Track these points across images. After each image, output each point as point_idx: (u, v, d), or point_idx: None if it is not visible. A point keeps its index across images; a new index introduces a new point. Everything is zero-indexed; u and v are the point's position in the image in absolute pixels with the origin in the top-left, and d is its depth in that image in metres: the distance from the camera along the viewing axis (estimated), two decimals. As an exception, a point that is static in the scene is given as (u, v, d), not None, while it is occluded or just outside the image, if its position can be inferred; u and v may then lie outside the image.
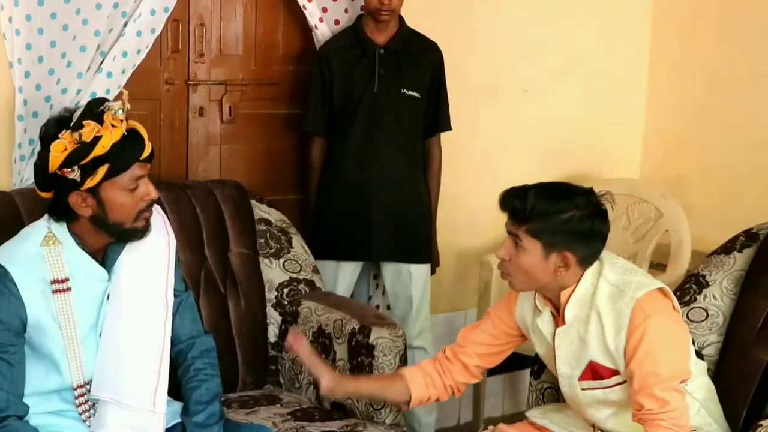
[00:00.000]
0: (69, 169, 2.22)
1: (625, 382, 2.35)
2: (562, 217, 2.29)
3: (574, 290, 2.36)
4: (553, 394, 2.79)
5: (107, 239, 2.34)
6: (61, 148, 2.22)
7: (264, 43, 3.55)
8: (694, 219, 3.91)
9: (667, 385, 2.26)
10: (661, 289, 2.35)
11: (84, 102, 2.93)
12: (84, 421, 2.36)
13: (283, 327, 3.13)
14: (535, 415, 2.59)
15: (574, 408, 2.51)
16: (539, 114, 4.12)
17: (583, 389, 2.41)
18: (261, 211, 3.23)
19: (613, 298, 2.33)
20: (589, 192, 2.35)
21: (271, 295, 3.15)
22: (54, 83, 2.92)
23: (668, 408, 2.25)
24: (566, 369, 2.43)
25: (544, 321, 2.45)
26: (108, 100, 2.28)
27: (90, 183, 2.23)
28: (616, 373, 2.36)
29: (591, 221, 2.31)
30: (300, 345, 2.52)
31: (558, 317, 2.42)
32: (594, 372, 2.38)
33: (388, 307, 3.64)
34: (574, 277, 2.36)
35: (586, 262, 2.35)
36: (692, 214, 3.95)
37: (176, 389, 2.47)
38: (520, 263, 2.34)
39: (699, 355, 2.61)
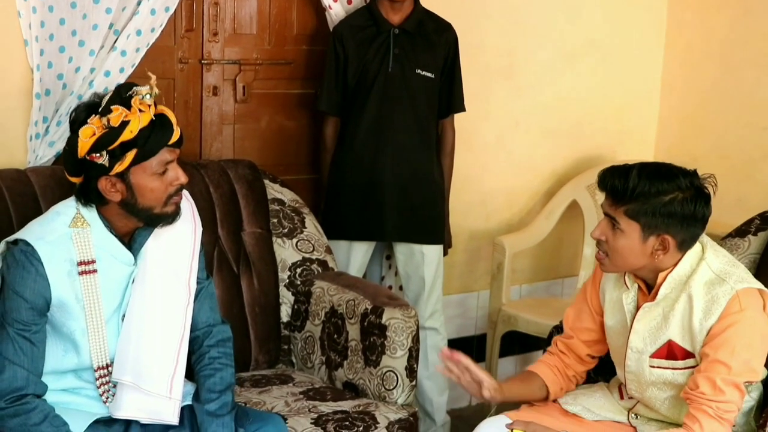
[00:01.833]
0: (97, 155, 2.22)
1: (696, 366, 2.33)
2: (663, 199, 2.24)
3: (671, 271, 2.32)
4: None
5: (136, 223, 2.34)
6: (89, 133, 2.22)
7: (278, 22, 3.54)
8: (708, 202, 3.89)
9: (732, 378, 2.24)
10: (760, 290, 2.32)
11: (97, 81, 2.95)
12: (104, 401, 2.37)
13: (295, 307, 3.14)
14: (566, 401, 2.55)
15: (633, 385, 2.46)
16: (553, 95, 4.11)
17: (652, 366, 2.38)
18: (274, 190, 3.24)
19: (710, 284, 2.29)
20: (693, 174, 2.30)
21: (283, 275, 3.16)
22: (66, 61, 2.92)
23: (721, 398, 2.23)
24: (639, 344, 2.39)
25: (630, 297, 2.42)
26: (136, 85, 2.27)
27: (118, 168, 2.23)
28: (690, 356, 2.33)
29: (693, 204, 2.26)
30: (458, 354, 2.46)
31: (645, 294, 2.39)
32: (669, 351, 2.35)
33: (401, 288, 3.64)
34: (672, 260, 2.32)
35: (685, 245, 2.31)
36: (706, 197, 3.93)
37: (189, 371, 2.48)
38: (616, 246, 2.30)
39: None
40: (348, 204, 3.43)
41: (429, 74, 3.40)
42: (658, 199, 2.25)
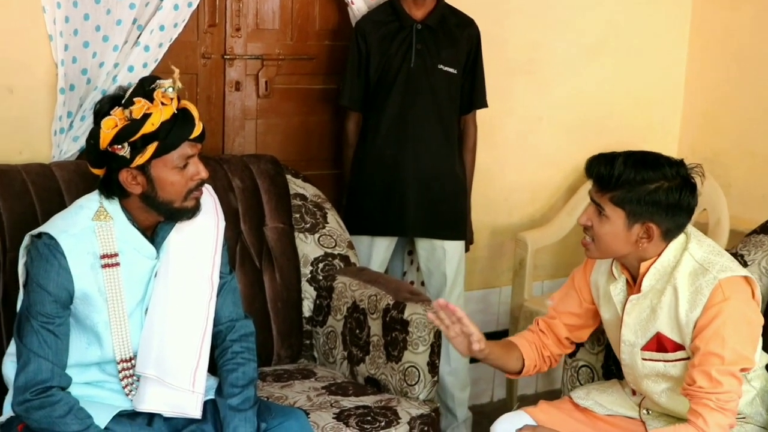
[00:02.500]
0: (119, 146, 2.23)
1: (688, 358, 2.33)
2: (648, 187, 2.26)
3: (654, 261, 2.33)
4: (588, 373, 2.78)
5: (157, 217, 2.35)
6: (111, 124, 2.24)
7: (300, 17, 3.54)
8: (732, 198, 3.87)
9: (726, 368, 2.24)
10: (745, 277, 2.32)
11: (121, 76, 2.96)
12: (126, 394, 2.38)
13: (317, 302, 3.14)
14: (579, 396, 2.58)
15: (630, 378, 2.49)
16: (576, 90, 4.09)
17: (644, 359, 2.40)
18: (296, 185, 3.24)
19: (694, 274, 2.30)
20: (679, 163, 2.31)
21: (306, 270, 3.16)
22: (90, 56, 2.94)
23: (720, 390, 2.23)
24: (630, 337, 2.41)
25: (618, 288, 2.43)
26: (159, 78, 2.28)
27: (139, 160, 2.24)
28: (680, 347, 2.34)
29: (679, 193, 2.27)
30: (454, 306, 2.45)
31: (632, 286, 2.40)
32: (659, 343, 2.36)
33: (422, 284, 3.64)
34: (656, 249, 2.33)
35: (669, 235, 2.32)
36: (730, 193, 3.91)
37: (212, 365, 2.49)
38: (601, 232, 2.31)
39: (766, 347, 2.53)
40: (370, 199, 3.43)
41: (451, 70, 3.39)
42: (643, 188, 2.26)
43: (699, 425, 2.25)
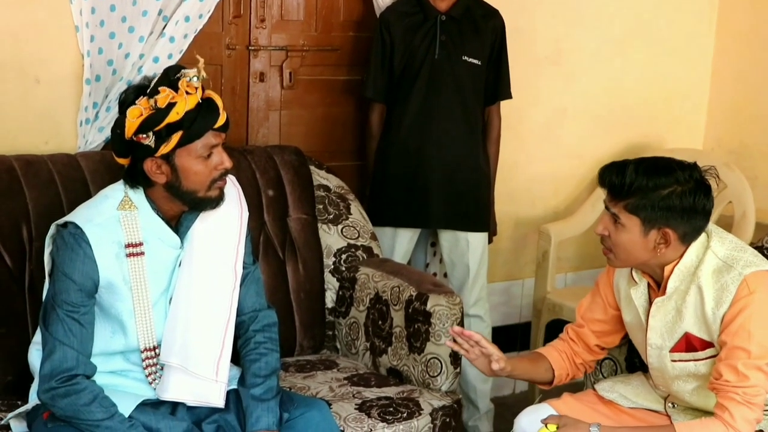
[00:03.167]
0: (144, 135, 2.24)
1: (718, 354, 2.32)
2: (661, 193, 2.25)
3: (677, 263, 2.32)
4: (611, 365, 2.77)
5: (181, 207, 2.36)
6: (136, 113, 2.25)
7: (325, 8, 3.54)
8: (758, 190, 3.84)
9: (753, 362, 2.23)
10: None
11: (146, 66, 2.97)
12: (150, 383, 2.40)
13: (340, 293, 3.15)
14: (603, 388, 2.57)
15: (659, 381, 2.48)
16: (602, 82, 4.07)
17: (673, 361, 2.39)
18: (320, 177, 3.24)
19: (718, 272, 2.29)
20: (692, 167, 2.29)
21: (329, 261, 3.17)
22: (116, 47, 2.95)
23: (746, 383, 2.22)
24: (657, 340, 2.40)
25: (638, 292, 2.42)
26: (184, 68, 2.28)
27: (164, 149, 2.25)
28: (709, 345, 2.33)
29: (693, 197, 2.25)
30: (469, 332, 2.49)
31: (654, 290, 2.40)
32: (688, 344, 2.35)
33: (445, 275, 3.64)
34: (676, 252, 2.32)
35: (688, 238, 2.31)
36: (756, 186, 3.88)
37: (235, 355, 2.50)
38: (618, 240, 2.31)
39: None
40: (393, 191, 3.43)
41: (476, 61, 3.38)
42: (656, 193, 2.25)
43: (725, 419, 2.24)
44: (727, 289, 2.26)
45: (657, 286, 2.40)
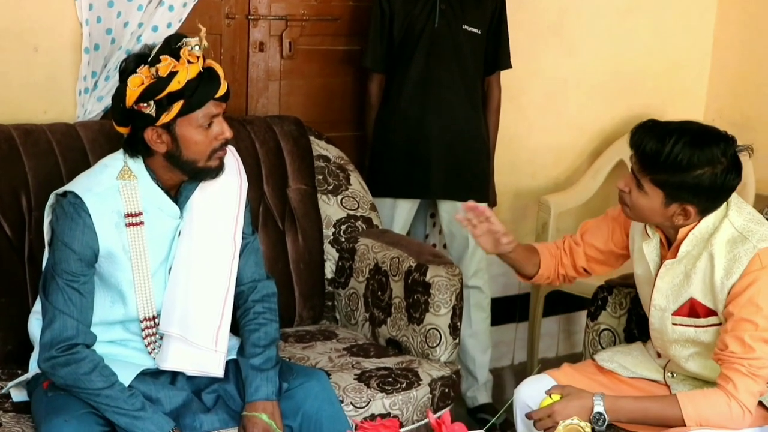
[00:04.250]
0: (145, 104, 2.24)
1: (719, 324, 2.32)
2: (692, 173, 2.21)
3: (693, 228, 2.31)
4: (609, 336, 2.78)
5: (181, 177, 2.36)
6: (137, 82, 2.24)
7: (325, -23, 3.52)
8: (758, 162, 3.81)
9: (760, 335, 2.23)
10: None
11: (145, 35, 2.95)
12: (149, 353, 2.41)
13: (339, 263, 3.15)
14: (603, 358, 2.58)
15: (658, 342, 2.48)
16: (603, 52, 4.05)
17: (674, 324, 2.39)
18: (319, 147, 3.24)
19: (733, 242, 2.28)
20: (728, 142, 2.24)
21: (328, 232, 3.17)
22: (114, 16, 2.93)
23: (752, 355, 2.22)
24: (662, 302, 2.40)
25: (651, 247, 2.42)
26: (186, 36, 2.28)
27: (165, 118, 2.24)
28: (712, 313, 2.33)
29: (724, 177, 2.22)
30: (482, 207, 2.51)
31: (665, 247, 2.39)
32: (691, 309, 2.35)
33: (444, 246, 3.64)
34: (693, 221, 2.31)
35: (706, 212, 2.29)
36: (757, 157, 3.80)
37: (235, 326, 2.50)
38: (638, 203, 2.29)
39: None
40: (393, 161, 3.42)
41: (476, 30, 3.36)
42: (687, 174, 2.21)
43: (728, 389, 2.24)
44: (739, 260, 2.25)
45: (668, 243, 2.39)
